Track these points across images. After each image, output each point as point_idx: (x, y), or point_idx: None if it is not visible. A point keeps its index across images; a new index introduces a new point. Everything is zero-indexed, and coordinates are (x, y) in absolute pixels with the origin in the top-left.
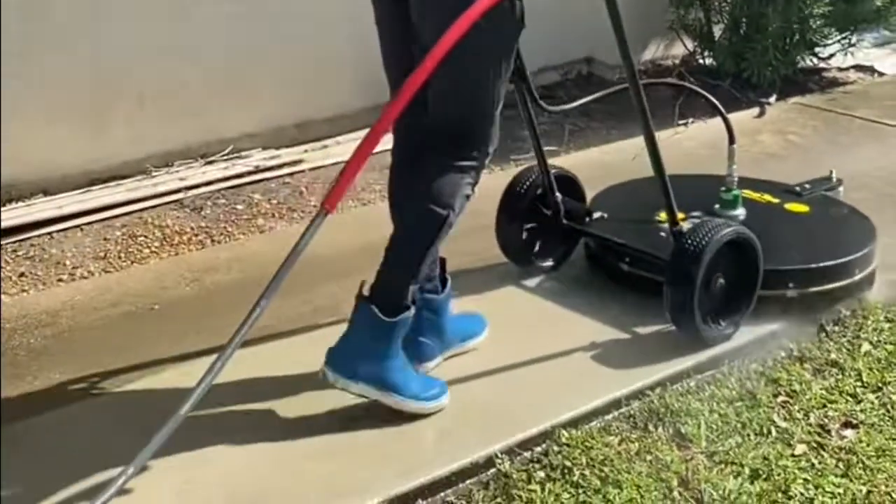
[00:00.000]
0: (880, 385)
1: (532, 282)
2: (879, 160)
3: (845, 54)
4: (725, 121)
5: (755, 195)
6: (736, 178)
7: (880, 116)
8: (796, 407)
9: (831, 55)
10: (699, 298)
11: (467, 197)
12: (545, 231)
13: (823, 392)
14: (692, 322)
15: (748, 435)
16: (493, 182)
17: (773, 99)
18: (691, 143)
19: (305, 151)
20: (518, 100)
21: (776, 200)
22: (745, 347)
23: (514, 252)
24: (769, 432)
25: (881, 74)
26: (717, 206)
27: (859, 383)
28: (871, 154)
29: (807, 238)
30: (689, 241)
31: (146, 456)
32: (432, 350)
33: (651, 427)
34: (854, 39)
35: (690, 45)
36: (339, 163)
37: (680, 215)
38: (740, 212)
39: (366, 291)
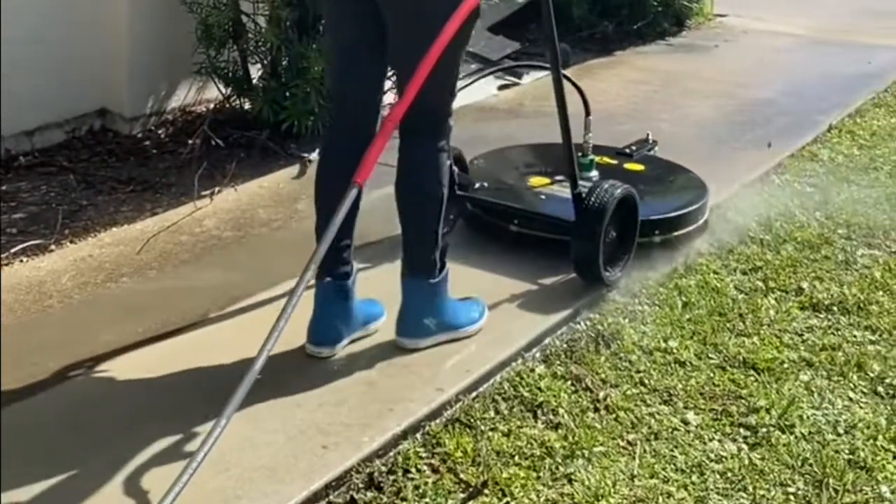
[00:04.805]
0: None
1: None
2: None
3: None
4: (581, 94)
5: (597, 158)
6: (591, 145)
7: None
8: None
9: None
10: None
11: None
12: None
13: None
14: (597, 270)
15: None
16: None
17: (315, 154)
18: (211, 222)
19: None
20: None
21: (615, 162)
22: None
23: None
24: None
25: None
26: None
27: None
28: None
29: (658, 192)
30: (591, 201)
31: (231, 411)
32: (340, 333)
33: None
34: None
35: (225, 89)
36: None
37: (545, 180)
38: (594, 174)
39: (404, 270)
